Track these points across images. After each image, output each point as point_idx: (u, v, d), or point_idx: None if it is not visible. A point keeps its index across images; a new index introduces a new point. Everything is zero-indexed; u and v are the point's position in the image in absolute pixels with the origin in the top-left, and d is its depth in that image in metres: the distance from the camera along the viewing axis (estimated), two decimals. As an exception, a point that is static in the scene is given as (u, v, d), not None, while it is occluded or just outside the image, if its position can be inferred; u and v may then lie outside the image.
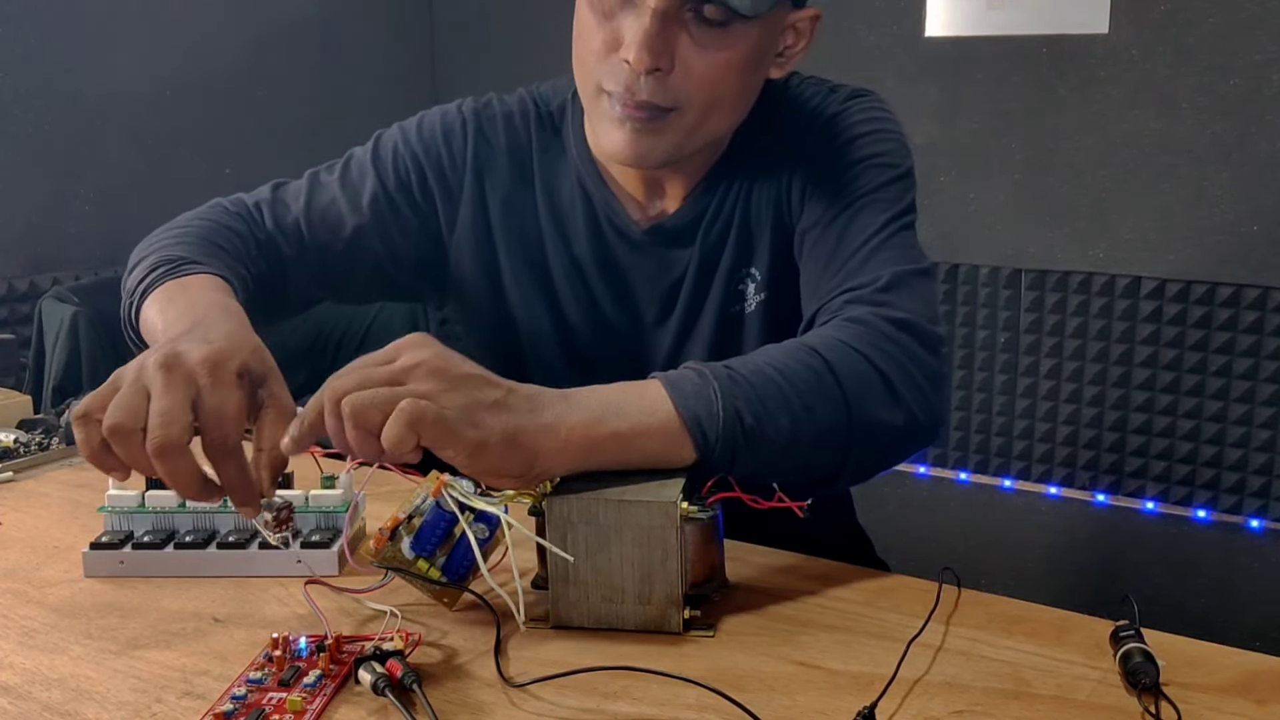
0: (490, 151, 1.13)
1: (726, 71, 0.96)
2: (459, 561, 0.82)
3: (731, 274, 1.10)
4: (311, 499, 0.91)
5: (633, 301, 1.13)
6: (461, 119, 1.14)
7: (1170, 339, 2.15)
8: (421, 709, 0.68)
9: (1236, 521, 2.16)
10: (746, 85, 1.00)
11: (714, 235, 1.09)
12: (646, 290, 1.12)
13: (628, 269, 1.12)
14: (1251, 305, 2.07)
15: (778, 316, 1.09)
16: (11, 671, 0.75)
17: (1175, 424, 2.18)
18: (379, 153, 1.15)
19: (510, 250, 1.14)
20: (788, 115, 1.08)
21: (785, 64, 1.04)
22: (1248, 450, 2.13)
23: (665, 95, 0.96)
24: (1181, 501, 2.20)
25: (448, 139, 1.14)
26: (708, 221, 1.09)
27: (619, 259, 1.12)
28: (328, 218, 1.12)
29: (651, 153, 0.99)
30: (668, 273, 1.11)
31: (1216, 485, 2.17)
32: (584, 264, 1.13)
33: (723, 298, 1.10)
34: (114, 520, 0.91)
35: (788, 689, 0.71)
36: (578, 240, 1.12)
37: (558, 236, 1.13)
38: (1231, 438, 2.13)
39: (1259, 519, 2.14)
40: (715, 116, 1.00)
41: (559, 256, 1.13)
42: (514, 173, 1.13)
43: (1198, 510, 2.18)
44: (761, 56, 1.00)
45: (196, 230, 1.06)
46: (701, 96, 0.97)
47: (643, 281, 1.12)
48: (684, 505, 0.77)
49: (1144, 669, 0.69)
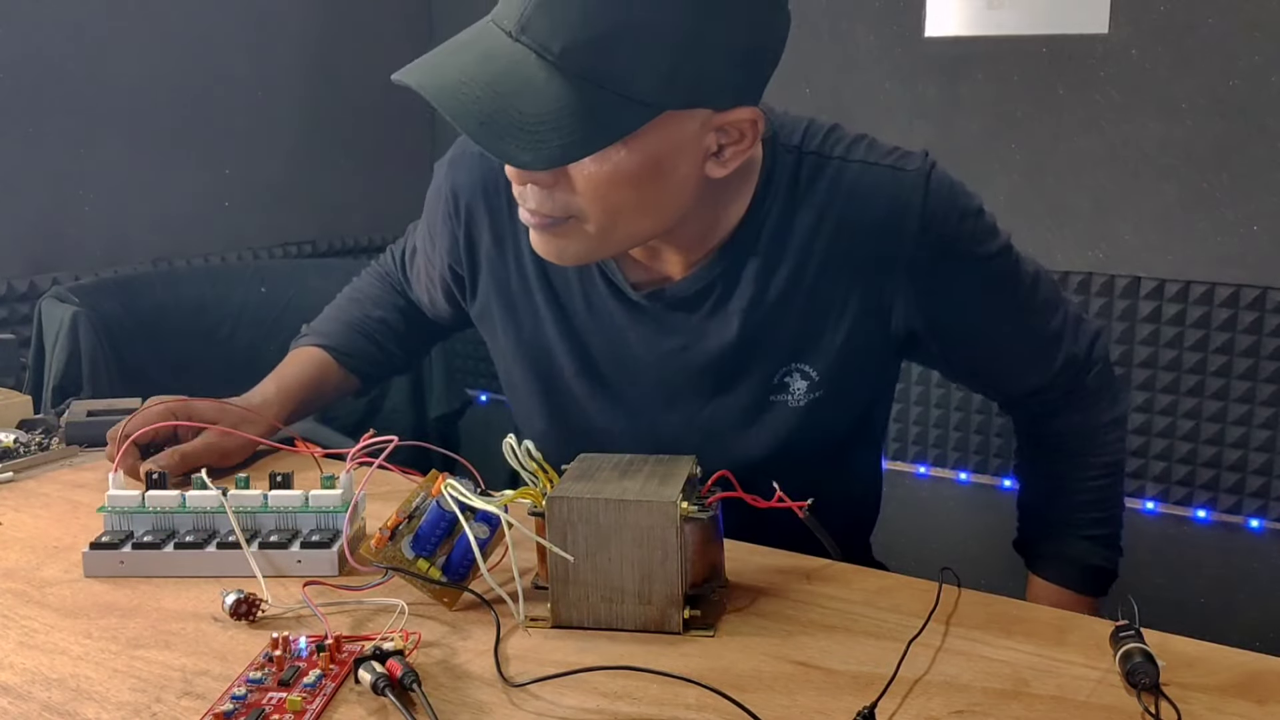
0: (468, 209, 1.10)
1: (613, 185, 0.88)
2: (459, 561, 0.82)
3: (772, 361, 1.03)
4: (311, 499, 0.91)
5: (630, 362, 1.07)
6: (442, 175, 1.13)
7: (1170, 339, 2.15)
8: (421, 709, 0.68)
9: (1236, 521, 2.16)
10: (656, 192, 0.90)
11: (739, 314, 1.01)
12: (645, 353, 1.06)
13: (623, 328, 1.06)
14: (1251, 305, 2.07)
15: (830, 413, 1.05)
16: (11, 671, 0.75)
17: (1175, 424, 2.18)
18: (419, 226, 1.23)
19: (501, 303, 1.11)
20: (845, 200, 0.99)
21: (728, 162, 0.92)
22: (1248, 450, 2.13)
23: (552, 206, 0.90)
24: (1181, 501, 2.20)
25: (436, 198, 1.14)
26: (721, 295, 1.02)
27: (613, 317, 1.06)
28: (409, 273, 1.27)
29: (567, 253, 0.94)
30: (666, 338, 1.05)
31: (1216, 485, 2.17)
32: (574, 320, 1.08)
33: (761, 382, 1.04)
34: (114, 520, 0.91)
35: (788, 689, 0.71)
36: (569, 295, 1.07)
37: (545, 290, 1.08)
38: (1231, 438, 2.13)
39: (1259, 519, 2.14)
40: (628, 222, 0.92)
41: (549, 310, 1.08)
42: (493, 230, 1.10)
43: (1198, 510, 2.18)
44: (663, 164, 0.89)
45: (342, 298, 1.32)
46: (594, 208, 0.89)
47: (640, 344, 1.06)
48: (684, 505, 0.77)
49: (1144, 669, 0.69)
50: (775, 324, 1.02)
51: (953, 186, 1.02)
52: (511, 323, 1.11)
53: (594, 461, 0.85)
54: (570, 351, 1.08)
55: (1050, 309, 1.10)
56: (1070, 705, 0.69)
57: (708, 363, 1.04)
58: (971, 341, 1.07)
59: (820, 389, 1.04)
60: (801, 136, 1.00)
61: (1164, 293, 2.13)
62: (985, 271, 1.03)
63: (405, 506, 0.83)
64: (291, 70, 2.51)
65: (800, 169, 0.99)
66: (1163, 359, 2.17)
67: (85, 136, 2.16)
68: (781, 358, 1.03)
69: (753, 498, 0.80)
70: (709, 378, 1.05)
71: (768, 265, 1.00)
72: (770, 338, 1.02)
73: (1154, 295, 2.14)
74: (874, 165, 0.99)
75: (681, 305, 1.03)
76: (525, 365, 1.12)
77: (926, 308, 1.01)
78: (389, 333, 1.28)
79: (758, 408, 1.04)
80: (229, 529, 0.89)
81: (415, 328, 1.29)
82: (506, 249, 1.09)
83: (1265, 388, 2.09)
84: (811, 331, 1.02)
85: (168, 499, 0.91)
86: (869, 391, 1.11)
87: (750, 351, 1.03)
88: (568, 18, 0.82)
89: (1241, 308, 2.08)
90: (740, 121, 0.90)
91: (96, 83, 2.17)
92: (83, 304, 1.71)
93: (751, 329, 1.02)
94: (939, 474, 2.44)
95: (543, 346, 1.10)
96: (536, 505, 0.80)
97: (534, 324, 1.10)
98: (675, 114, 0.86)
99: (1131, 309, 2.18)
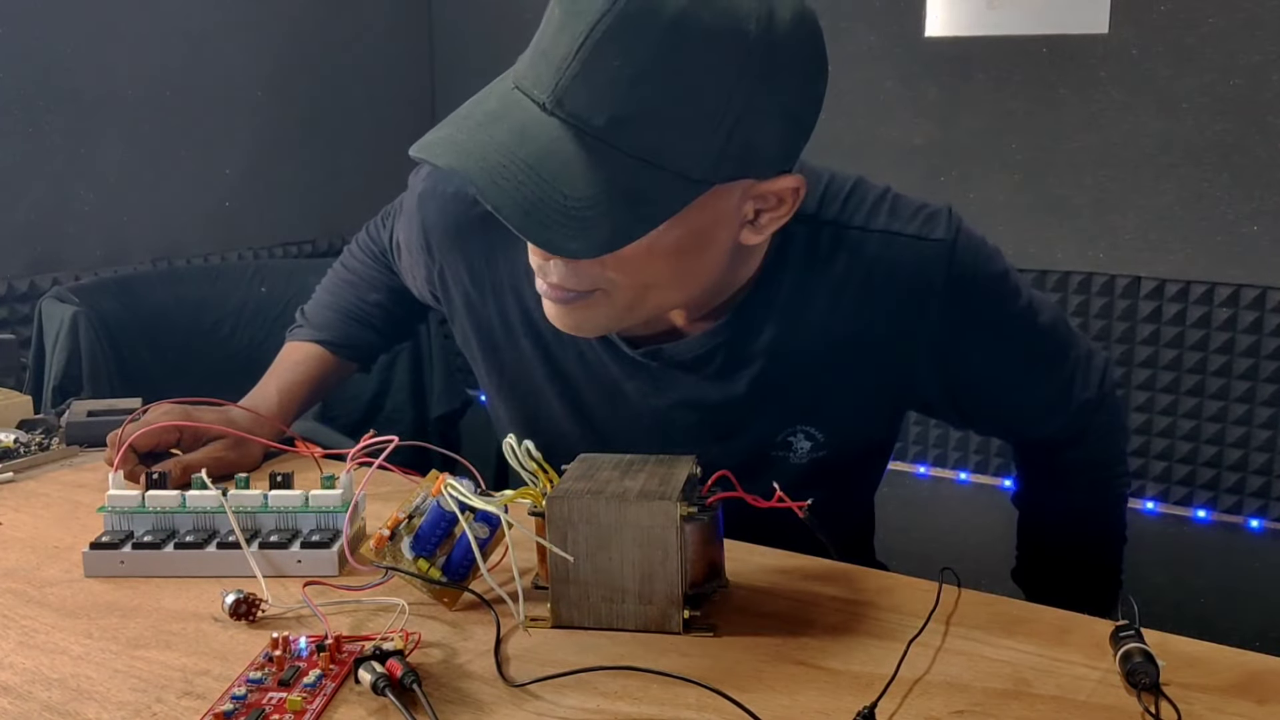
0: (440, 248, 1.06)
1: (649, 259, 0.83)
2: (459, 561, 0.82)
3: (777, 421, 1.00)
4: (311, 499, 0.91)
5: (624, 412, 1.03)
6: (413, 209, 1.08)
7: (1170, 339, 2.15)
8: (421, 709, 0.68)
9: (1236, 521, 2.16)
10: (692, 265, 0.87)
11: (746, 380, 0.98)
12: (640, 404, 1.02)
13: (618, 379, 1.01)
14: (1251, 305, 2.07)
15: (833, 469, 1.02)
16: (11, 671, 0.75)
17: (1175, 424, 2.18)
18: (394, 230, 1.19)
19: (482, 343, 1.07)
20: (866, 275, 0.94)
21: (763, 229, 0.87)
22: (1248, 450, 2.13)
23: (578, 280, 0.86)
24: (1181, 501, 2.20)
25: (409, 230, 1.10)
26: (726, 361, 0.98)
27: (608, 369, 1.02)
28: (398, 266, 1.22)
29: (586, 325, 0.90)
30: (663, 394, 1.01)
31: (1216, 485, 2.17)
32: (564, 367, 1.03)
33: (760, 441, 1.01)
34: (114, 520, 0.91)
35: (788, 689, 0.71)
36: (558, 344, 1.02)
37: (531, 335, 1.03)
38: (1231, 438, 2.13)
39: (1259, 519, 2.14)
40: (658, 295, 0.88)
41: (535, 355, 1.04)
42: (470, 271, 1.05)
43: (1198, 510, 2.18)
44: (703, 237, 0.85)
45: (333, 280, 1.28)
46: (625, 281, 0.85)
47: (636, 394, 1.02)
48: (684, 505, 0.77)
49: (1144, 669, 0.69)
50: (783, 390, 0.98)
51: (977, 253, 0.97)
52: (494, 364, 1.07)
53: (594, 461, 0.85)
54: (561, 395, 1.04)
55: (1064, 354, 1.07)
56: (1070, 705, 0.69)
57: (706, 418, 1.00)
58: (985, 399, 1.04)
59: (825, 449, 1.01)
60: (819, 203, 0.95)
61: (1164, 293, 2.13)
62: (1007, 333, 1.01)
63: (405, 507, 0.83)
64: (291, 70, 2.51)
65: (819, 238, 0.94)
66: (1163, 359, 2.17)
67: (85, 136, 2.16)
68: (787, 419, 1.00)
69: (753, 498, 0.80)
70: (708, 429, 1.01)
71: (780, 337, 0.96)
72: (776, 401, 0.99)
73: (1154, 295, 2.14)
74: (897, 236, 0.94)
75: (682, 366, 0.99)
76: (512, 404, 1.08)
77: (947, 375, 0.99)
78: (385, 316, 1.25)
79: (757, 462, 0.99)
80: (229, 529, 0.89)
81: (409, 304, 1.24)
82: (485, 293, 1.04)
83: (1265, 388, 2.09)
84: (822, 398, 0.99)
85: (168, 499, 0.91)
86: (877, 444, 1.10)
87: (754, 411, 0.99)
88: (611, 90, 0.75)
89: (1241, 308, 2.08)
90: (782, 190, 0.85)
91: (96, 83, 2.17)
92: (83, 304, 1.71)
93: (760, 393, 0.98)
94: (939, 474, 2.44)
95: (530, 390, 1.06)
96: (536, 505, 0.80)
97: (519, 368, 1.05)
98: (720, 186, 0.81)
99: (1131, 309, 2.18)
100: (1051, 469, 1.17)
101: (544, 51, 0.78)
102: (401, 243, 1.15)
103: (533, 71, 0.79)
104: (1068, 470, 1.15)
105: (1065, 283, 2.22)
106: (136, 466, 1.04)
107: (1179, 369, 2.15)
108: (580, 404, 1.05)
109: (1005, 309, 1.00)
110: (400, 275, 1.22)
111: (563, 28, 0.77)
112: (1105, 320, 2.20)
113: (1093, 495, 1.16)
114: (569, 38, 0.76)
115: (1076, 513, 1.16)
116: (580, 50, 0.75)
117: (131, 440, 1.02)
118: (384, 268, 1.24)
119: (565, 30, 0.76)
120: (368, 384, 1.87)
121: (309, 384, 1.21)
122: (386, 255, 1.23)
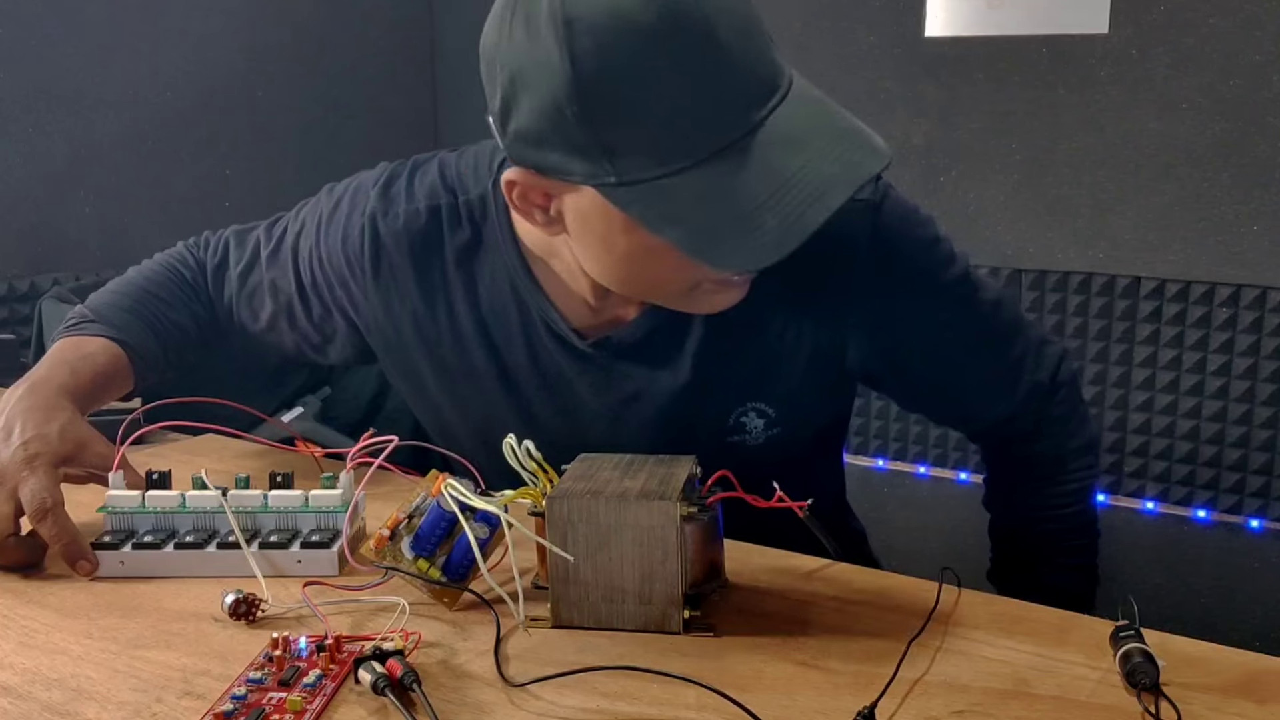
0: (392, 267, 1.04)
1: None
2: (459, 561, 0.82)
3: (727, 403, 1.00)
4: (311, 499, 0.91)
5: (578, 415, 1.03)
6: (361, 228, 1.04)
7: (1170, 339, 2.15)
8: (421, 709, 0.68)
9: (1236, 521, 2.16)
10: None
11: (691, 356, 0.98)
12: (594, 403, 1.02)
13: (571, 379, 1.02)
14: (1251, 305, 2.07)
15: (791, 447, 1.03)
16: (11, 671, 0.75)
17: (1175, 424, 2.18)
18: (297, 246, 1.11)
19: (432, 362, 1.06)
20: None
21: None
22: (1248, 450, 2.13)
23: None
24: (1181, 501, 2.20)
25: (346, 248, 1.05)
26: (671, 338, 0.98)
27: (560, 368, 1.02)
28: (253, 302, 1.15)
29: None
30: (616, 387, 1.01)
31: (1216, 485, 2.17)
32: (517, 375, 1.03)
33: (715, 427, 1.01)
34: (114, 520, 0.91)
35: (788, 689, 0.71)
36: (510, 349, 1.02)
37: (484, 346, 1.03)
38: (1231, 438, 2.13)
39: (1259, 519, 2.14)
40: None
41: (489, 366, 1.03)
42: (422, 287, 1.03)
43: (1198, 510, 2.18)
44: None
45: (132, 286, 1.14)
46: None
47: (589, 392, 1.02)
48: (684, 505, 0.77)
49: (1144, 669, 0.69)
50: (728, 364, 0.99)
51: (905, 217, 0.98)
52: (446, 383, 1.06)
53: (594, 461, 0.85)
54: (514, 407, 1.04)
55: (1011, 336, 1.06)
56: (1070, 705, 0.69)
57: (660, 410, 1.00)
58: (928, 374, 1.04)
59: (778, 425, 1.01)
60: None
61: (1164, 293, 2.13)
62: (940, 302, 1.00)
63: (405, 507, 0.83)
64: (292, 69, 2.51)
65: None
66: (1163, 359, 2.17)
67: (85, 136, 2.16)
68: (736, 399, 1.00)
69: (753, 498, 0.80)
70: (661, 427, 1.01)
71: (731, 314, 0.94)
72: (724, 379, 0.99)
73: (1154, 295, 2.14)
74: None
75: (630, 352, 0.99)
76: (466, 424, 1.07)
77: (882, 342, 0.99)
78: (182, 340, 1.14)
79: (716, 451, 0.93)
80: (229, 529, 0.89)
81: (203, 337, 1.16)
82: (438, 307, 1.03)
83: (1265, 388, 2.09)
84: (766, 371, 0.99)
85: (168, 499, 0.91)
86: (829, 418, 1.11)
87: (704, 394, 0.99)
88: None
89: (1241, 308, 2.08)
90: None
91: (96, 83, 2.17)
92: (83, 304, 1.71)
93: (704, 371, 0.99)
94: (939, 474, 2.44)
95: (482, 403, 1.05)
96: (536, 505, 0.80)
97: (470, 381, 1.05)
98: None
99: (1131, 309, 2.18)
100: (1013, 463, 1.15)
101: (750, 55, 0.80)
102: (311, 270, 1.09)
103: (765, 71, 0.81)
104: (1029, 464, 1.13)
105: (1065, 283, 2.22)
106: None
107: (1179, 369, 2.15)
108: (532, 415, 1.04)
109: (936, 277, 1.00)
110: (230, 310, 1.15)
111: (745, 33, 0.80)
112: (1105, 320, 2.20)
113: (1056, 488, 1.13)
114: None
115: (1042, 508, 1.13)
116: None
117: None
118: (194, 295, 1.15)
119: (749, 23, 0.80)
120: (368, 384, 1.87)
121: (100, 390, 1.05)
122: (199, 283, 1.16)
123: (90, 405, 1.03)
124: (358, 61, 2.65)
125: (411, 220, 1.03)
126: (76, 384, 1.01)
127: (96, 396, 1.04)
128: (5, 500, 0.89)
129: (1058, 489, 1.13)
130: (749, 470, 0.83)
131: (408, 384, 1.10)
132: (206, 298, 1.17)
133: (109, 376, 1.06)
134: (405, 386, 1.11)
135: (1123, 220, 2.15)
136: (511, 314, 1.01)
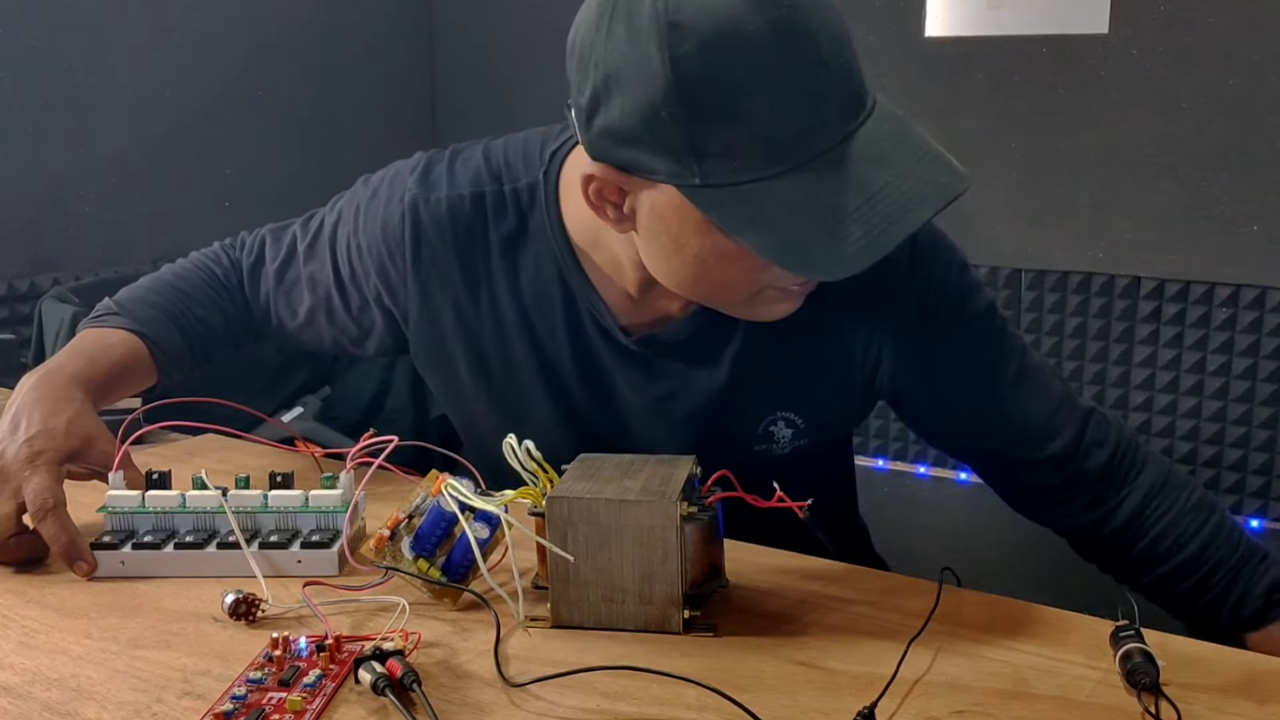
0: (433, 253, 1.02)
1: None
2: (459, 561, 0.82)
3: (758, 410, 1.00)
4: (311, 499, 0.91)
5: (616, 408, 1.03)
6: (401, 214, 1.03)
7: (1170, 339, 2.15)
8: (421, 709, 0.68)
9: (1236, 521, 2.17)
10: None
11: (729, 360, 0.99)
12: (632, 398, 1.02)
13: (611, 372, 1.01)
14: (1251, 305, 2.07)
15: (815, 458, 1.03)
16: (11, 671, 0.75)
17: (1174, 424, 2.18)
18: (335, 237, 1.10)
19: (468, 351, 1.04)
20: None
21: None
22: (1248, 450, 2.13)
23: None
24: (1181, 501, 2.20)
25: (385, 236, 1.04)
26: (715, 338, 0.99)
27: (602, 361, 1.01)
28: (291, 297, 1.14)
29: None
30: (655, 384, 1.01)
31: (1216, 485, 2.17)
32: (558, 366, 1.02)
33: (745, 434, 1.01)
34: (114, 520, 0.91)
35: (788, 689, 0.71)
36: (551, 339, 1.02)
37: (525, 336, 1.02)
38: (1231, 438, 2.13)
39: (1259, 519, 2.14)
40: None
41: (528, 356, 1.02)
42: (465, 275, 1.02)
43: (1197, 510, 2.19)
44: None
45: (161, 282, 1.15)
46: None
47: (627, 387, 1.02)
48: (684, 505, 0.77)
49: (1144, 669, 0.69)
50: (764, 371, 0.99)
51: (938, 239, 0.99)
52: (481, 372, 1.05)
53: (594, 461, 0.85)
54: (551, 395, 1.03)
55: (1043, 382, 1.02)
56: (1070, 705, 0.69)
57: (692, 411, 1.01)
58: (958, 403, 1.01)
59: (805, 436, 1.02)
60: None
61: (1164, 292, 2.13)
62: (975, 325, 1.00)
63: (405, 507, 0.83)
64: (292, 70, 2.51)
65: None
66: (1162, 359, 2.17)
67: (85, 136, 2.16)
68: (768, 406, 1.00)
69: (753, 498, 0.80)
70: (693, 429, 1.01)
71: (773, 326, 0.95)
72: (759, 385, 1.00)
73: (1154, 295, 2.14)
74: None
75: (673, 351, 1.00)
76: (498, 411, 1.06)
77: (914, 363, 0.99)
78: (209, 336, 1.13)
79: (742, 461, 0.91)
80: (229, 529, 0.89)
81: (232, 335, 1.16)
82: (480, 295, 1.02)
83: (1265, 388, 2.09)
84: (799, 381, 1.00)
85: (168, 499, 0.91)
86: (851, 429, 1.12)
87: (738, 398, 1.00)
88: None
89: (1241, 308, 2.08)
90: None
91: (96, 83, 2.17)
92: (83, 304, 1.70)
93: (741, 375, 0.99)
94: (939, 474, 2.44)
95: (518, 394, 1.04)
96: (536, 505, 0.80)
97: (508, 372, 1.04)
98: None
99: (1131, 309, 2.18)
100: (1128, 521, 1.02)
101: (845, 68, 0.81)
102: (350, 261, 1.08)
103: (851, 86, 0.81)
104: (1140, 517, 1.01)
105: (1065, 283, 2.22)
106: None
107: (1178, 369, 2.15)
108: (570, 404, 1.04)
109: (971, 300, 1.00)
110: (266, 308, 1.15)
111: (841, 47, 0.80)
112: (1105, 320, 2.20)
113: (1186, 515, 1.00)
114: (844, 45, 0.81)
115: (1192, 545, 1.00)
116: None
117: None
118: (225, 292, 1.15)
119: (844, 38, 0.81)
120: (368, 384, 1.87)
121: (118, 383, 1.04)
122: (232, 282, 1.16)
123: (106, 397, 1.02)
124: (358, 61, 2.65)
125: (455, 206, 1.02)
126: (91, 374, 1.00)
127: (112, 389, 1.03)
128: (8, 499, 0.89)
129: (1179, 499, 1.02)
130: (773, 480, 0.81)
131: (439, 374, 1.09)
132: (240, 296, 1.16)
133: (127, 369, 1.05)
134: (436, 376, 1.10)
135: (1122, 220, 2.15)
136: (555, 304, 1.01)
